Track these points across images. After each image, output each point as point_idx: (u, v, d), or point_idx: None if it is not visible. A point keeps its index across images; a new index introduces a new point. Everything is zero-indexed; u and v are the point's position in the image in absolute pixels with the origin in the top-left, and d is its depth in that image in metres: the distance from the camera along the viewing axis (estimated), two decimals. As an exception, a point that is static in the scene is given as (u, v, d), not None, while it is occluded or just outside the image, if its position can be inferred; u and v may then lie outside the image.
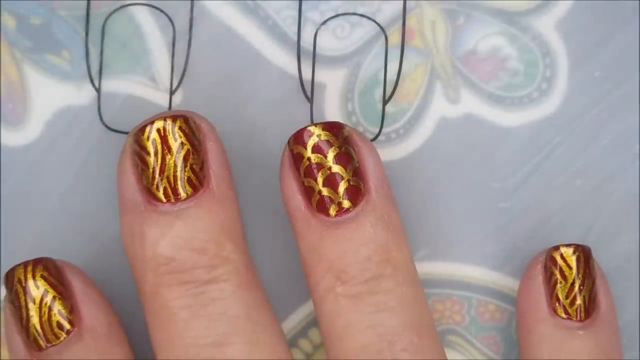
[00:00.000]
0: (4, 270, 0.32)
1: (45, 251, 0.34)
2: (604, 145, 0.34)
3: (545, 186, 0.34)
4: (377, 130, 0.34)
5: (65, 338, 0.31)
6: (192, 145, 0.31)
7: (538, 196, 0.34)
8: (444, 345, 0.34)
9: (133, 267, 0.31)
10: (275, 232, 0.34)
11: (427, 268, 0.34)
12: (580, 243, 0.33)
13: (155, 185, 0.31)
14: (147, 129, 0.31)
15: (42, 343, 0.31)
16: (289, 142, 0.31)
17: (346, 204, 0.31)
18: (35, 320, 0.31)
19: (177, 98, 0.34)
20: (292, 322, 0.34)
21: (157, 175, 0.31)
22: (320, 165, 0.31)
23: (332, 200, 0.31)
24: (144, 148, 0.31)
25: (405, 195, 0.34)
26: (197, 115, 0.32)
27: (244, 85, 0.34)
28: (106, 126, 0.34)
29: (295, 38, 0.34)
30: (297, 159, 0.31)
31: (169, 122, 0.31)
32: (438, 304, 0.35)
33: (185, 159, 0.31)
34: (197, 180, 0.31)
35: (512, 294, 0.34)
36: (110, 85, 0.34)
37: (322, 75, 0.34)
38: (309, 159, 0.31)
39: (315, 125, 0.31)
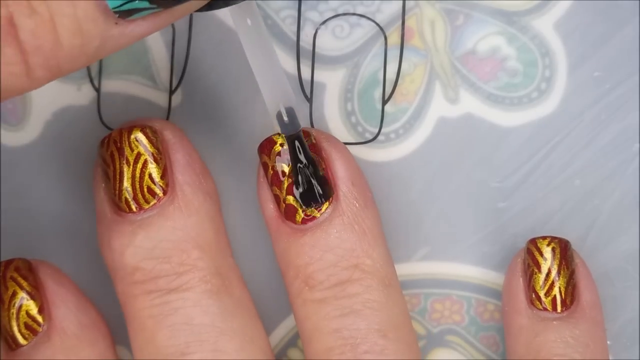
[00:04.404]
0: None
1: (45, 251, 0.34)
2: (604, 145, 0.34)
3: (545, 186, 0.34)
4: (376, 130, 0.34)
5: (33, 339, 0.31)
6: (150, 154, 0.31)
7: (537, 196, 0.34)
8: (443, 345, 0.35)
9: (111, 276, 0.32)
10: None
11: (426, 268, 0.34)
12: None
13: (117, 197, 0.31)
14: (106, 141, 0.31)
15: (12, 344, 0.31)
16: (257, 151, 0.31)
17: (310, 211, 0.31)
18: (5, 321, 0.31)
19: (177, 98, 0.34)
20: (292, 321, 0.34)
21: (117, 187, 0.31)
22: (283, 174, 0.31)
23: (296, 208, 0.31)
24: (105, 161, 0.31)
25: (404, 195, 0.34)
26: (161, 122, 0.32)
27: (244, 84, 0.34)
28: (106, 126, 0.34)
29: (295, 38, 0.34)
30: (264, 168, 0.31)
31: (125, 133, 0.31)
32: (438, 304, 0.35)
33: (143, 168, 0.31)
34: (159, 189, 0.31)
35: (511, 294, 0.34)
36: (110, 85, 0.34)
37: (321, 75, 0.34)
38: (272, 167, 0.31)
39: (280, 134, 0.31)
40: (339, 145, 0.32)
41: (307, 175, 0.31)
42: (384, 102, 0.34)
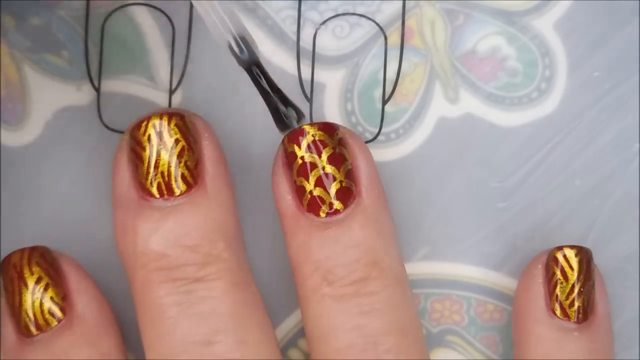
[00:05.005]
0: (4, 270, 0.32)
1: (45, 251, 0.34)
2: (604, 145, 0.34)
3: (545, 186, 0.34)
4: (376, 130, 0.34)
5: (55, 325, 0.31)
6: (187, 142, 0.31)
7: (537, 196, 0.34)
8: (443, 345, 0.35)
9: (125, 263, 0.31)
10: (275, 232, 0.34)
11: (426, 268, 0.34)
12: (580, 244, 0.33)
13: (149, 181, 0.31)
14: (144, 124, 0.31)
15: (33, 329, 0.31)
16: (283, 140, 0.31)
17: (337, 205, 0.31)
18: (27, 305, 0.31)
19: (177, 98, 0.34)
20: (292, 321, 0.34)
21: (151, 171, 0.31)
22: (314, 165, 0.31)
23: (323, 201, 0.31)
24: (139, 143, 0.31)
25: (404, 195, 0.34)
26: (193, 113, 0.32)
27: (244, 85, 0.34)
28: (106, 126, 0.34)
29: (295, 38, 0.34)
30: (290, 158, 0.31)
31: (165, 118, 0.31)
32: (437, 303, 0.35)
33: (180, 155, 0.31)
34: (191, 177, 0.31)
35: (511, 294, 0.34)
36: (109, 85, 0.34)
37: (321, 75, 0.34)
38: (302, 158, 0.31)
39: (311, 125, 0.31)
40: (361, 143, 0.32)
41: (274, 101, 0.31)
42: (384, 102, 0.34)
